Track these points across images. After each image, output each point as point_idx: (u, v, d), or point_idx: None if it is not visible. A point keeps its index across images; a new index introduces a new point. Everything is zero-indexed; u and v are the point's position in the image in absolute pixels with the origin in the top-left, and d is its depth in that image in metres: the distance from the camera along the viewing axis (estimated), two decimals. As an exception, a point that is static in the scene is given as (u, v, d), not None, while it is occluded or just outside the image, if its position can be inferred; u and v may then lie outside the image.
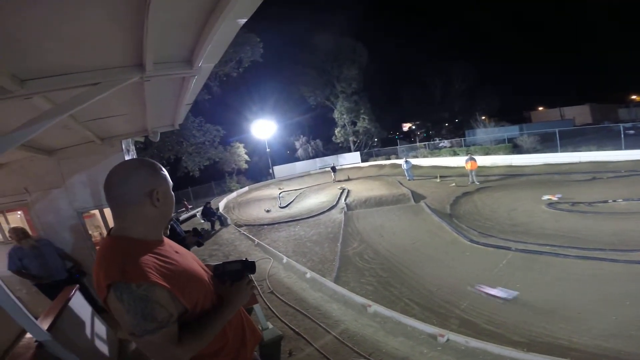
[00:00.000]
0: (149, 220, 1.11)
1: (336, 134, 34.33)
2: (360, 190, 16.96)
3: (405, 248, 8.61)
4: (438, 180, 17.55)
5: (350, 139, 34.36)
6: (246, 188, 25.44)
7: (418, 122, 45.90)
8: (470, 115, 32.71)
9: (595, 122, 34.07)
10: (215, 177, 26.86)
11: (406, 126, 48.73)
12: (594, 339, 4.18)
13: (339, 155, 33.57)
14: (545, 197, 10.88)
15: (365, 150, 33.78)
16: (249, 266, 1.33)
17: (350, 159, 32.74)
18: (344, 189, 17.60)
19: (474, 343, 3.33)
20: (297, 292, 5.37)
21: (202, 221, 12.24)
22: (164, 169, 1.18)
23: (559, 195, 10.50)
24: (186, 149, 24.68)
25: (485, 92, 37.79)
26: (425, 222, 10.56)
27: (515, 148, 21.12)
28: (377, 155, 31.91)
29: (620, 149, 15.87)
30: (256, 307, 3.77)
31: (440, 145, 27.51)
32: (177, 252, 1.18)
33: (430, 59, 40.65)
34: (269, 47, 26.97)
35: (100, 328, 3.13)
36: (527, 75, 48.14)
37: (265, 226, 12.53)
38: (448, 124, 42.54)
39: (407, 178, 18.88)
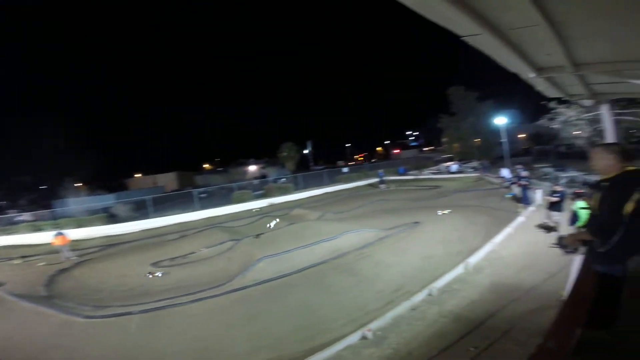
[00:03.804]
0: None
1: None
2: None
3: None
4: (18, 262, 13.97)
5: None
6: None
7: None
8: (60, 182, 28.36)
9: (181, 187, 41.69)
10: None
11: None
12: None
13: None
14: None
15: None
16: None
17: None
18: None
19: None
20: None
21: None
22: None
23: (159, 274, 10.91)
24: None
25: (80, 155, 33.96)
26: (12, 313, 8.23)
27: (112, 217, 21.16)
28: None
29: (197, 209, 21.37)
30: None
31: (18, 219, 21.19)
32: None
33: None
34: None
35: None
36: (127, 142, 49.72)
37: None
38: (30, 192, 33.18)
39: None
